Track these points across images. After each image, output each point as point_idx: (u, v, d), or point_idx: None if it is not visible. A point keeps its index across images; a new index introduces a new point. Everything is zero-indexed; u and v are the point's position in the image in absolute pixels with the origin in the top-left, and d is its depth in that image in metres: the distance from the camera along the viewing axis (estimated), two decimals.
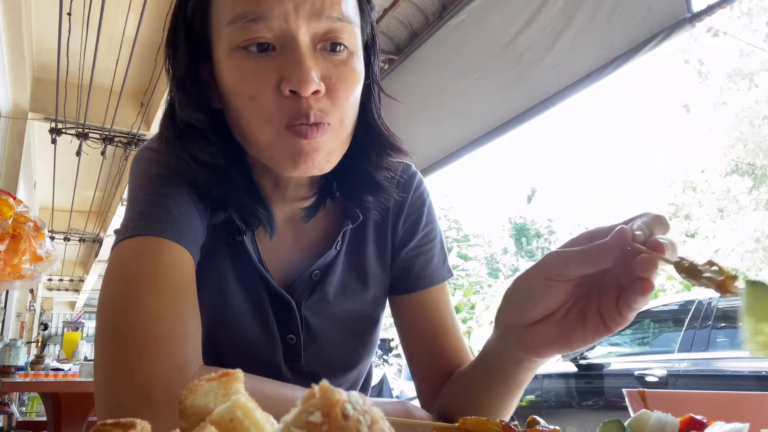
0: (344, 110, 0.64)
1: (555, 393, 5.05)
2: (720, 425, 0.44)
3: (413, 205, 0.83)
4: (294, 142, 0.62)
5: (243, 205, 0.71)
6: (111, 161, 6.40)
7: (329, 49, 0.63)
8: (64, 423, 2.98)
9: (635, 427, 0.47)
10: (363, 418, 0.23)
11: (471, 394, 0.69)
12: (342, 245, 0.78)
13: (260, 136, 0.63)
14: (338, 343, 0.79)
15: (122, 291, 0.60)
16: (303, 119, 0.60)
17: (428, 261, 0.82)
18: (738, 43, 14.19)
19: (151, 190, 0.67)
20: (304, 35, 0.61)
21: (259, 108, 0.62)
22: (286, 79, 0.60)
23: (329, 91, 0.62)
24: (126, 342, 0.57)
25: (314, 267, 0.76)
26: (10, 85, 4.79)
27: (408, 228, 0.82)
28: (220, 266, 0.74)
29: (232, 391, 0.34)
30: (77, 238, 9.88)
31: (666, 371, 4.17)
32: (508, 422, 0.49)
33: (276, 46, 0.61)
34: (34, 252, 2.48)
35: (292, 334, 0.76)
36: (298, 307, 0.76)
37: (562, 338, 0.54)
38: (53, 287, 15.91)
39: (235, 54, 0.62)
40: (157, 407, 0.53)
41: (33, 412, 6.72)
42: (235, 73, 0.62)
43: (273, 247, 0.77)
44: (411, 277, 0.81)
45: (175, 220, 0.64)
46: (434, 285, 0.82)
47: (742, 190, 15.72)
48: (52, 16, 4.00)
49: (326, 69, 0.62)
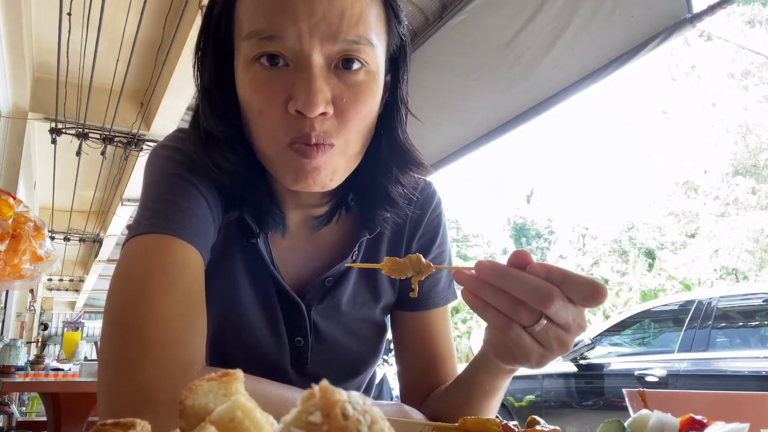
0: (351, 131, 0.63)
1: (555, 393, 5.05)
2: (720, 425, 0.44)
3: (430, 224, 0.84)
4: (296, 160, 0.62)
5: (258, 205, 0.72)
6: (111, 161, 6.40)
7: (344, 66, 0.62)
8: (64, 423, 2.98)
9: (635, 427, 0.47)
10: (363, 418, 0.23)
11: (457, 396, 0.72)
12: (358, 255, 0.78)
13: (266, 149, 0.65)
14: (345, 348, 0.80)
15: (130, 289, 0.60)
16: (305, 139, 0.61)
17: (437, 282, 0.83)
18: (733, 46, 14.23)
19: (165, 188, 0.67)
20: (317, 56, 0.60)
21: (266, 123, 0.62)
22: (294, 98, 0.60)
23: (338, 111, 0.62)
24: (131, 340, 0.56)
25: (328, 274, 0.76)
26: (10, 85, 4.79)
27: (422, 246, 0.83)
28: (232, 267, 0.74)
29: (232, 391, 0.34)
30: (77, 238, 9.88)
31: (666, 371, 4.17)
32: (508, 422, 0.49)
33: (289, 62, 0.61)
34: (34, 252, 2.48)
35: (301, 336, 0.77)
36: (308, 311, 0.76)
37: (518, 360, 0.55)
38: (53, 287, 15.90)
39: (250, 67, 0.62)
40: (159, 407, 0.52)
41: (33, 412, 6.72)
42: (248, 86, 0.63)
43: (287, 251, 0.77)
44: (419, 296, 0.81)
45: (188, 219, 0.64)
46: (438, 307, 0.83)
47: (744, 190, 15.73)
48: (52, 16, 3.99)
49: (338, 89, 0.62)
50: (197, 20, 3.94)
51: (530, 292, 0.49)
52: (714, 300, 4.41)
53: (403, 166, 0.73)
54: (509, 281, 0.50)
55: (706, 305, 4.39)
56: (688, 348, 4.24)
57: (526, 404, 5.26)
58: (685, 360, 4.18)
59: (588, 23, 2.78)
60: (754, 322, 4.26)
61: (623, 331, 5.18)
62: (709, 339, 4.20)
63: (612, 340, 5.16)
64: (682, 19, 2.42)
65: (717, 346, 4.17)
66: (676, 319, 4.75)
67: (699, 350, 4.17)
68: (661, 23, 2.49)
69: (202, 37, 0.70)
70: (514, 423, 0.49)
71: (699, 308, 4.42)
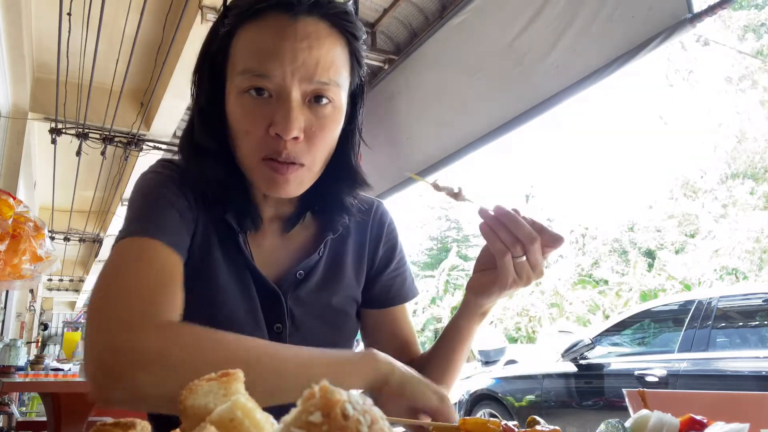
0: (317, 153, 0.79)
1: (555, 393, 5.05)
2: (720, 425, 0.44)
3: (389, 234, 1.02)
4: (268, 173, 0.78)
5: (238, 206, 0.85)
6: (111, 161, 6.40)
7: (315, 101, 0.78)
8: (64, 423, 2.97)
9: (635, 427, 0.47)
10: (363, 418, 0.23)
11: (436, 351, 0.90)
12: (324, 251, 0.92)
13: (247, 161, 0.79)
14: (318, 332, 0.90)
15: (109, 274, 0.70)
16: (277, 155, 0.76)
17: (404, 281, 1.01)
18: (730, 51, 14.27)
19: (146, 201, 0.80)
20: (296, 93, 0.75)
21: (250, 141, 0.77)
22: (275, 124, 0.75)
23: (307, 137, 0.77)
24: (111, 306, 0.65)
25: (299, 267, 0.89)
26: (10, 85, 4.79)
27: (386, 252, 1.00)
28: (215, 262, 0.85)
29: (232, 391, 0.34)
30: (77, 238, 9.89)
31: (666, 371, 4.17)
32: (508, 422, 0.49)
33: (273, 94, 0.76)
34: (34, 252, 2.48)
35: (279, 323, 0.87)
36: (285, 299, 0.87)
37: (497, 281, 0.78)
38: (53, 287, 15.92)
39: (241, 96, 0.77)
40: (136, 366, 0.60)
41: (33, 412, 6.72)
42: (239, 111, 0.78)
43: (263, 249, 0.90)
44: (391, 295, 0.99)
45: (166, 224, 0.77)
46: (408, 301, 1.01)
47: (743, 191, 15.74)
48: (52, 16, 4.00)
49: (309, 120, 0.77)
50: (197, 20, 3.95)
51: (525, 234, 0.74)
52: (714, 300, 4.41)
53: (354, 183, 0.90)
54: (515, 224, 0.74)
55: (706, 305, 4.39)
56: (688, 348, 4.24)
57: (526, 404, 5.26)
58: (685, 360, 4.17)
59: (589, 23, 2.79)
60: (754, 322, 4.26)
61: (623, 331, 5.17)
62: (709, 339, 4.20)
63: (612, 340, 5.16)
64: (683, 19, 2.42)
65: (717, 346, 4.17)
66: (676, 319, 4.74)
67: (699, 350, 4.17)
68: (662, 23, 2.49)
69: (200, 62, 0.83)
70: (514, 423, 0.49)
71: (699, 308, 4.42)
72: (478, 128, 3.52)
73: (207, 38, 0.84)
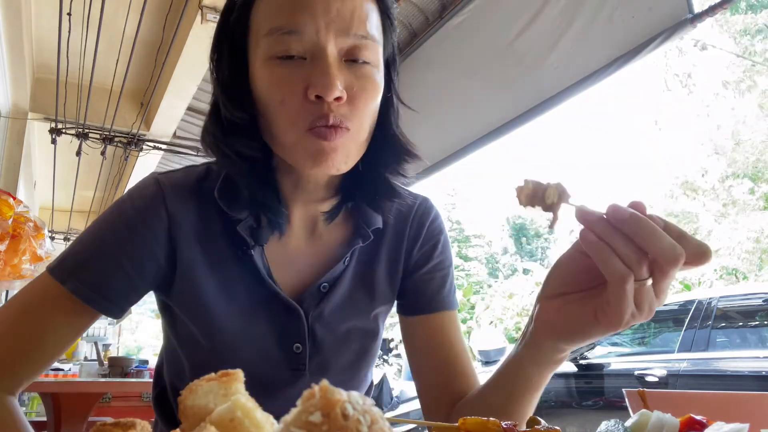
0: (363, 117, 0.69)
1: (555, 393, 5.05)
2: (720, 425, 0.44)
3: (430, 233, 0.88)
4: (315, 143, 0.67)
5: (264, 204, 0.75)
6: (111, 161, 6.39)
7: (353, 61, 0.68)
8: (64, 423, 2.97)
9: (635, 427, 0.47)
10: (363, 418, 0.23)
11: (496, 396, 0.70)
12: (350, 261, 0.81)
13: (286, 137, 0.69)
14: (341, 354, 0.81)
15: (6, 305, 0.71)
16: (323, 121, 0.66)
17: (441, 286, 0.86)
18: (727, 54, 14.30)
19: (96, 233, 0.75)
20: (332, 48, 0.66)
21: (287, 111, 0.67)
22: (313, 85, 0.65)
23: (350, 99, 0.67)
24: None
25: (323, 280, 0.79)
26: (10, 85, 4.79)
27: (424, 253, 0.87)
28: (228, 278, 0.77)
29: (232, 391, 0.34)
30: None
31: (666, 371, 4.17)
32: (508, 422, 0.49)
33: (306, 56, 0.67)
34: (34, 252, 2.48)
35: (299, 342, 0.78)
36: (306, 317, 0.78)
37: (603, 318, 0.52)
38: None
39: (270, 62, 0.68)
40: None
41: (33, 412, 6.71)
42: (268, 79, 0.68)
43: (284, 256, 0.79)
44: (425, 298, 0.85)
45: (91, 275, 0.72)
46: (446, 309, 0.85)
47: (742, 191, 15.75)
48: (52, 16, 3.99)
49: (349, 79, 0.67)
50: (197, 20, 3.94)
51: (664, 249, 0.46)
52: (714, 300, 4.41)
53: (399, 158, 0.78)
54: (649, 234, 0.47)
55: (706, 305, 4.39)
56: (688, 348, 4.24)
57: None
58: (685, 360, 4.17)
59: (589, 24, 2.78)
60: (754, 322, 4.26)
61: (623, 331, 5.17)
62: (709, 339, 4.20)
63: (612, 340, 5.16)
64: (683, 19, 2.42)
65: (717, 346, 4.17)
66: (676, 319, 4.75)
67: (699, 350, 4.17)
68: (662, 24, 2.49)
69: (217, 39, 0.75)
70: (514, 423, 0.49)
71: (699, 308, 4.42)
72: (477, 128, 3.52)
73: (224, 10, 0.75)
